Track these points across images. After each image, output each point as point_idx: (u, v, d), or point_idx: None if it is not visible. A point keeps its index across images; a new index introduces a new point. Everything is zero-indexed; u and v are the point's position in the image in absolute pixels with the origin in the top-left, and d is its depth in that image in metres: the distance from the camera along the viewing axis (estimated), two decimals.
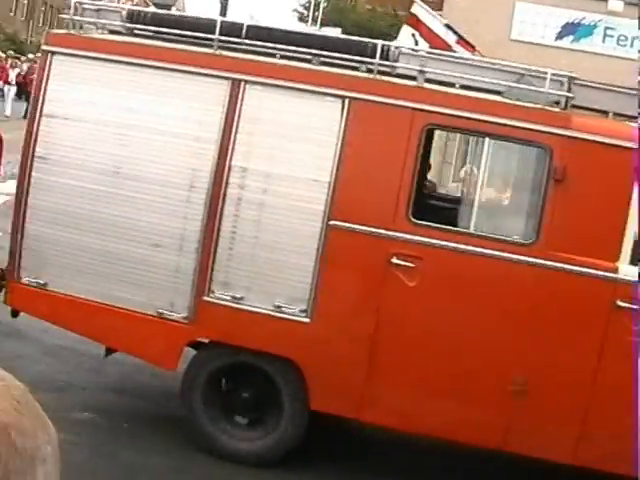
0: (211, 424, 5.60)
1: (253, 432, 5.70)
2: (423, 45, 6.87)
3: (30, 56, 38.16)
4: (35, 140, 5.70)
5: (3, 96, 27.99)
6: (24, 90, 29.11)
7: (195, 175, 5.51)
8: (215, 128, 5.49)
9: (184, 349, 5.65)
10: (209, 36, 5.55)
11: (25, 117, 24.85)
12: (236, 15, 62.51)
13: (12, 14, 54.65)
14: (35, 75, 6.29)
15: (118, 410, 6.29)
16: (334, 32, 15.74)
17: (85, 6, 5.87)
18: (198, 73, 5.54)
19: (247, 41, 5.59)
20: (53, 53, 5.75)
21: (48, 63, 5.71)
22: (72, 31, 5.86)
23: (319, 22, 37.67)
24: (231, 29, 5.62)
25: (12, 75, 28.94)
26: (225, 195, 5.45)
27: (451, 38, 7.02)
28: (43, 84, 5.71)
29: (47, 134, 5.69)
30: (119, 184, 5.61)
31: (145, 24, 5.79)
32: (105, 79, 5.67)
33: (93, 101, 5.67)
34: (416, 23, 7.29)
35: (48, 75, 5.69)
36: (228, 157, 5.45)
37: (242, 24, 5.68)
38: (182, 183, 5.52)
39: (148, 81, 5.63)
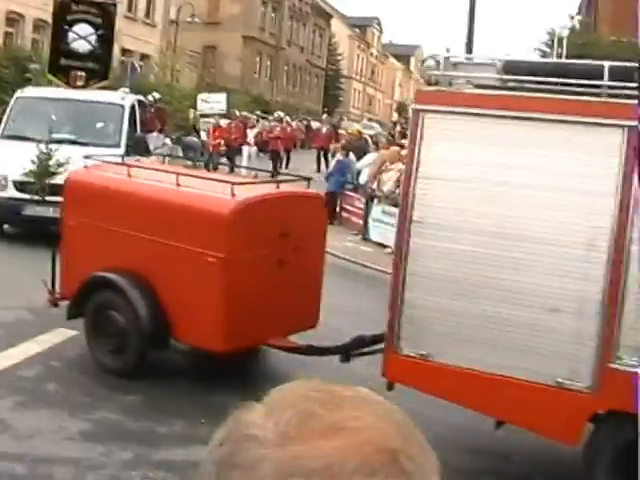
0: None
1: None
2: None
3: (275, 115, 40.14)
4: (412, 203, 5.52)
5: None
6: (266, 149, 29.92)
7: (593, 232, 5.07)
8: (611, 180, 5.03)
9: (585, 422, 5.18)
10: (597, 82, 5.14)
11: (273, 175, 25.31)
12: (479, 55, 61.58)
13: (256, 76, 57.92)
14: (408, 135, 6.14)
15: None
16: None
17: (455, 60, 5.68)
18: (588, 123, 5.13)
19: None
20: (425, 111, 5.58)
21: (420, 122, 5.53)
22: (441, 87, 5.67)
23: (564, 58, 36.39)
24: (619, 73, 5.16)
25: (250, 135, 29.40)
26: (629, 252, 4.96)
27: None
28: (417, 144, 5.54)
29: (424, 196, 5.50)
30: (505, 245, 5.28)
31: (521, 74, 5.49)
32: (482, 135, 5.40)
33: (471, 159, 5.41)
34: None
35: (421, 135, 5.52)
36: (629, 211, 4.96)
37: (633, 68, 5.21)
38: (578, 242, 5.10)
39: (530, 135, 5.29)
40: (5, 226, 13.12)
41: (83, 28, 15.39)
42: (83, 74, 15.19)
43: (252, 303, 6.54)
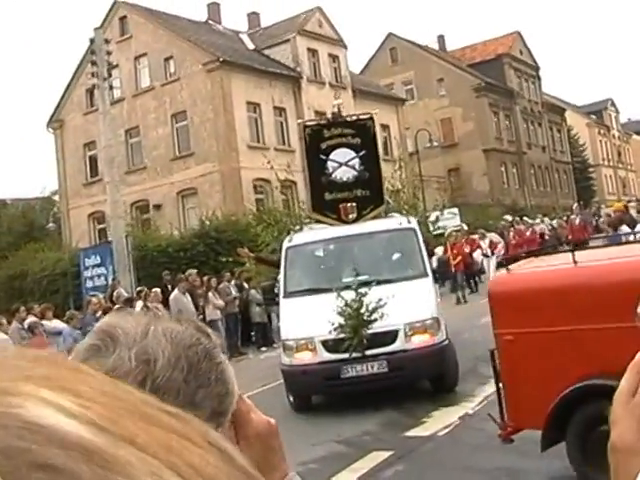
0: None
1: None
2: None
3: (529, 220, 38.67)
4: None
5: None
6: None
7: None
8: None
9: None
10: None
11: None
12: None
13: (505, 185, 56.63)
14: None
15: None
16: None
17: None
18: None
19: None
20: None
21: None
22: None
23: None
24: None
25: (484, 245, 26.28)
26: None
27: None
28: None
29: None
30: None
31: None
32: None
33: None
34: None
35: None
36: None
37: None
38: None
39: None
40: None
41: (342, 154, 13.40)
42: (354, 205, 13.17)
43: None
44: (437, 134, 50.46)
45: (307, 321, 10.72)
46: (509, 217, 35.08)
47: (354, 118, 14.22)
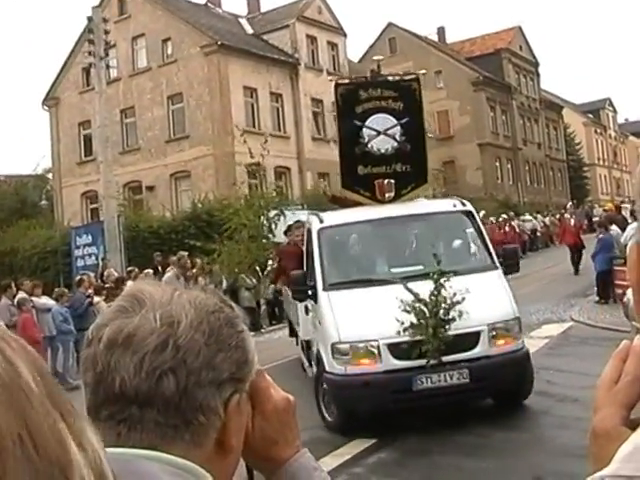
0: None
1: None
2: None
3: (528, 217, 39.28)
4: None
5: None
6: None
7: None
8: None
9: None
10: None
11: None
12: None
13: (499, 180, 56.66)
14: None
15: None
16: None
17: None
18: None
19: None
20: None
21: None
22: None
23: None
24: None
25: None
26: None
27: None
28: None
29: None
30: None
31: None
32: None
33: None
34: None
35: None
36: None
37: None
38: None
39: None
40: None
41: (380, 120, 11.12)
42: (392, 181, 10.99)
43: None
44: (433, 126, 50.41)
45: (365, 320, 8.75)
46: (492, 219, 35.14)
47: (397, 78, 12.03)
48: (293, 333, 13.83)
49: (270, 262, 14.55)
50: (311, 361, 10.40)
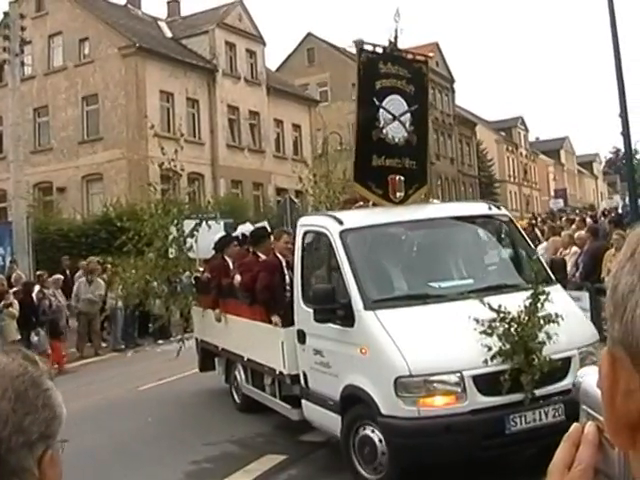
0: None
1: None
2: None
3: None
4: None
5: None
6: None
7: None
8: None
9: None
10: None
11: None
12: None
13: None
14: None
15: None
16: None
17: None
18: None
19: None
20: None
21: None
22: None
23: None
24: None
25: None
26: None
27: None
28: None
29: None
30: None
31: None
32: None
33: None
34: None
35: None
36: None
37: None
38: None
39: None
40: None
41: (396, 103, 9.30)
42: (402, 178, 9.16)
43: None
44: (348, 137, 50.74)
45: (439, 346, 6.91)
46: None
47: (410, 57, 10.06)
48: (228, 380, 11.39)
49: (186, 275, 12.86)
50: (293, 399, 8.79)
